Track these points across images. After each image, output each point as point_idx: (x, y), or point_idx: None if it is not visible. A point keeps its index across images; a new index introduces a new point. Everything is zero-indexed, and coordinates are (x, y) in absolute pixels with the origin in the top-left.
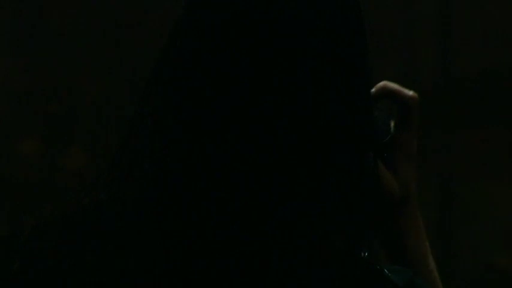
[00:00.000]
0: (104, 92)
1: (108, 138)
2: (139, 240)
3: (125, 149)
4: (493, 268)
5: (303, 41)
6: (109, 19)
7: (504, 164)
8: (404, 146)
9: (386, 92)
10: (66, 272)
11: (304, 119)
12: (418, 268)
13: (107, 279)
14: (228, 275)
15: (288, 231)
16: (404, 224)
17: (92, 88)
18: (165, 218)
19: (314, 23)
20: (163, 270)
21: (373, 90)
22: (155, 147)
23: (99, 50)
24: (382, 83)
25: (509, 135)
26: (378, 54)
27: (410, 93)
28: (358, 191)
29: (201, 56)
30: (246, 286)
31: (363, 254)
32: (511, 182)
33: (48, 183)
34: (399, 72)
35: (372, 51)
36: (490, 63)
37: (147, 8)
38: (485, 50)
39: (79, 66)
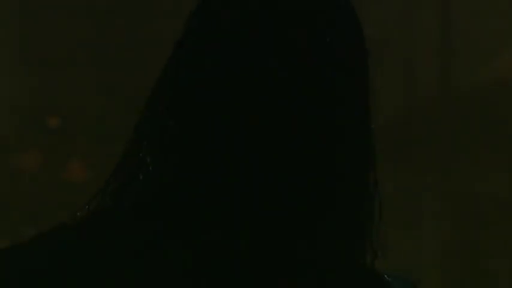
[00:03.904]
0: (104, 105)
1: (108, 150)
2: (143, 244)
3: (129, 154)
4: None
5: (308, 46)
6: (110, 32)
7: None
8: None
9: None
10: (74, 275)
11: (309, 125)
12: None
13: (114, 281)
14: (231, 276)
15: (291, 236)
16: None
17: (92, 101)
18: (168, 224)
19: (320, 30)
20: (164, 272)
21: None
22: (159, 153)
23: (99, 61)
24: None
25: (509, 141)
26: (376, 63)
27: None
28: (361, 197)
29: (205, 65)
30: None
31: (364, 260)
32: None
33: (48, 196)
34: (397, 80)
35: (370, 60)
36: (488, 73)
37: (149, 21)
38: (484, 59)
39: (79, 79)
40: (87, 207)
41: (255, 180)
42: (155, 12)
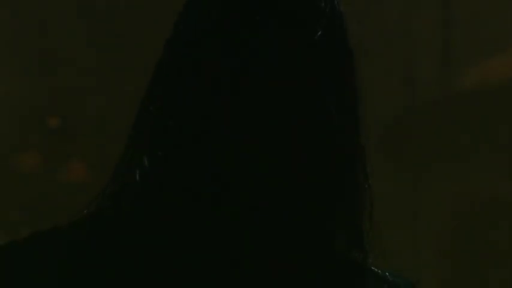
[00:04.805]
0: (104, 105)
1: (108, 150)
2: (141, 245)
3: (127, 155)
4: None
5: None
6: (110, 33)
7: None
8: None
9: None
10: (72, 275)
11: (309, 124)
12: None
13: (112, 282)
14: (232, 277)
15: (290, 235)
16: None
17: (92, 101)
18: (167, 224)
19: (313, 28)
20: (164, 273)
21: None
22: (157, 153)
23: (99, 62)
24: None
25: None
26: (377, 63)
27: None
28: (358, 197)
29: (205, 65)
30: (244, 286)
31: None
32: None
33: (49, 196)
34: (397, 80)
35: (370, 60)
36: (489, 74)
37: (149, 22)
38: (484, 60)
39: (79, 79)
40: (87, 208)
41: (256, 181)
42: (156, 12)
